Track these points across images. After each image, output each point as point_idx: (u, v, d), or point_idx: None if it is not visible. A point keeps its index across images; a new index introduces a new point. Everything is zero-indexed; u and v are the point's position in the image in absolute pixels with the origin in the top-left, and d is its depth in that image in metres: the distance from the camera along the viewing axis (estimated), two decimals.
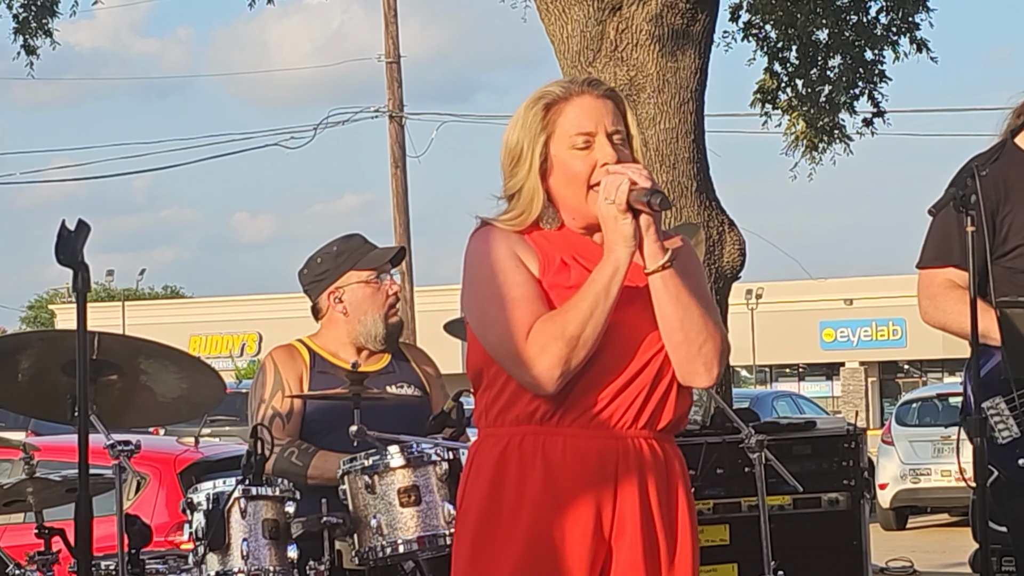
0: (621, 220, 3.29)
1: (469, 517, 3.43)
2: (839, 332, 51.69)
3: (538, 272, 3.38)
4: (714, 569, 5.98)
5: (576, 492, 3.33)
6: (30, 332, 10.94)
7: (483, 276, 3.40)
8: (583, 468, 3.34)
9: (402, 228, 27.74)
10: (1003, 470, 4.41)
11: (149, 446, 7.47)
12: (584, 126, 3.38)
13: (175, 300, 68.98)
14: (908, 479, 18.39)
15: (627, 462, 3.35)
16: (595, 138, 3.38)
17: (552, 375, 3.28)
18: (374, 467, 4.58)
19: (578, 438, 3.35)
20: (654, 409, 3.38)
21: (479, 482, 3.42)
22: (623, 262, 3.30)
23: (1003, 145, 4.52)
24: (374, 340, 5.29)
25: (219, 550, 4.64)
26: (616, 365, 3.35)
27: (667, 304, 3.33)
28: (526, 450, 3.36)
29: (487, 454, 3.42)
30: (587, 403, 3.35)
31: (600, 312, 3.28)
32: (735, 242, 9.16)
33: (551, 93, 3.41)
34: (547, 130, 3.39)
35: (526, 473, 3.35)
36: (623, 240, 3.29)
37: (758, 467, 5.43)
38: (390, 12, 28.02)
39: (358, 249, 5.35)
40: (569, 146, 3.38)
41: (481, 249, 3.42)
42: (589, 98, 3.41)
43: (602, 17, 9.07)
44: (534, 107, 3.40)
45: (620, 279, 3.29)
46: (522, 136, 3.40)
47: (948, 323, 4.50)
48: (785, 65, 12.80)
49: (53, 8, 13.01)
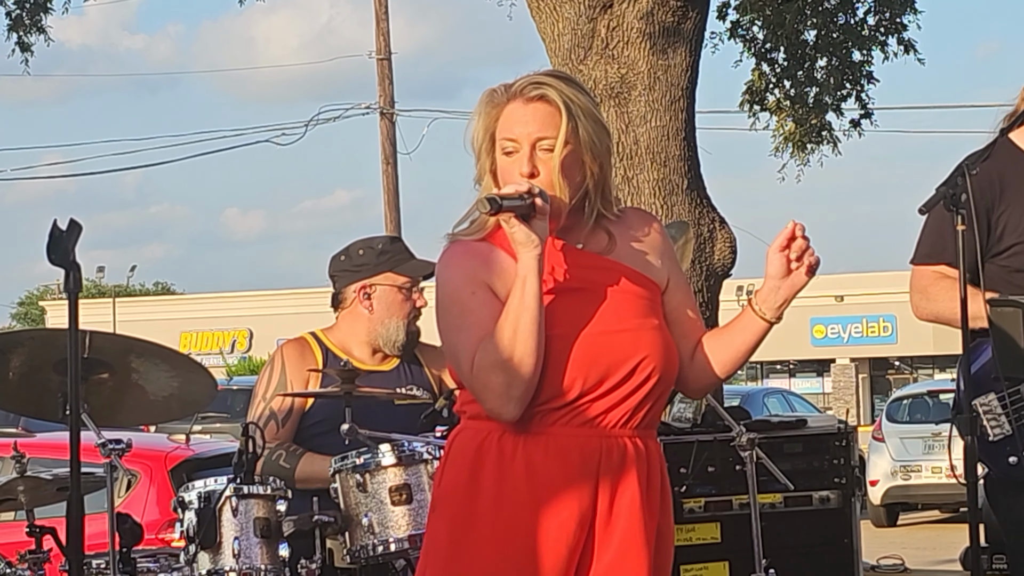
0: (508, 227, 3.28)
1: (445, 510, 3.41)
2: (830, 329, 51.71)
3: (512, 283, 3.34)
4: (705, 567, 5.99)
5: (558, 490, 3.32)
6: (21, 330, 10.93)
7: (442, 305, 3.40)
8: (565, 466, 3.33)
9: (393, 225, 27.73)
10: (994, 467, 4.41)
11: (140, 444, 7.46)
12: (511, 132, 3.37)
13: (166, 297, 68.91)
14: (899, 476, 18.41)
15: (610, 460, 3.35)
16: (520, 146, 3.37)
17: (504, 404, 3.28)
18: (365, 465, 4.58)
19: (560, 437, 3.34)
20: (637, 408, 3.37)
21: (456, 474, 3.40)
22: (529, 268, 3.28)
23: (995, 143, 4.51)
24: (392, 345, 5.26)
25: (210, 549, 4.64)
26: (600, 365, 3.34)
27: (750, 349, 3.48)
28: (505, 446, 3.34)
29: (465, 446, 3.41)
30: (571, 403, 3.33)
31: (524, 325, 3.26)
32: (726, 240, 9.17)
33: (495, 94, 3.41)
34: (491, 130, 3.40)
35: (505, 469, 3.34)
36: (519, 246, 3.28)
37: (749, 465, 5.44)
38: (381, 9, 28.01)
39: (400, 254, 5.32)
40: (500, 151, 3.39)
41: (442, 275, 3.43)
42: (518, 104, 3.38)
43: (593, 15, 9.07)
44: (486, 104, 3.41)
45: (533, 285, 3.27)
46: (476, 132, 3.41)
47: (940, 312, 4.49)
48: (773, 66, 12.82)
49: (46, 5, 13.01)
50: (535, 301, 3.28)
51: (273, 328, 44.58)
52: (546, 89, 3.37)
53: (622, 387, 3.35)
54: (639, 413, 3.38)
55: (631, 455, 3.37)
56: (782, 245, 3.35)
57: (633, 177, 9.00)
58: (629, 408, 3.36)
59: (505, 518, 3.32)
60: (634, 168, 9.02)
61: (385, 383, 5.07)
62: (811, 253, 3.35)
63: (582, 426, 3.34)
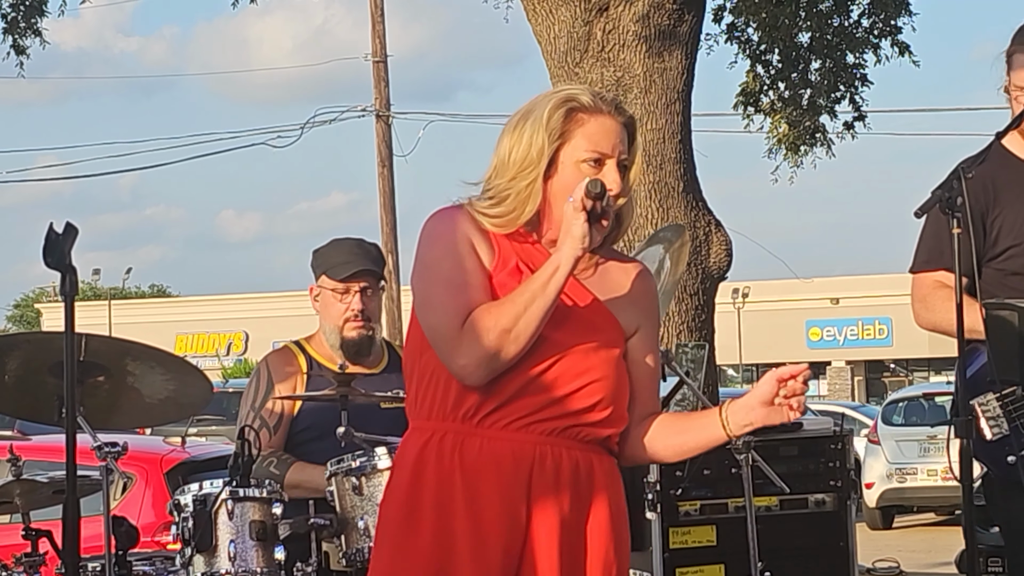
0: (574, 218, 3.26)
1: (388, 513, 3.41)
2: (825, 331, 51.75)
3: (491, 266, 3.35)
4: (701, 570, 5.98)
5: (489, 494, 3.30)
6: (17, 333, 10.96)
7: (434, 257, 3.36)
8: (497, 471, 3.30)
9: (389, 227, 27.73)
10: (993, 467, 4.42)
11: (135, 446, 7.45)
12: (602, 146, 3.35)
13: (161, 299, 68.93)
14: (894, 478, 18.43)
15: (543, 469, 3.32)
16: (607, 160, 3.35)
17: (480, 366, 3.26)
18: (361, 469, 4.58)
19: (496, 440, 3.32)
20: (580, 423, 3.34)
21: (400, 477, 3.41)
22: (566, 261, 3.26)
23: (989, 147, 4.52)
24: (335, 350, 5.27)
25: (206, 551, 4.64)
26: (548, 374, 3.32)
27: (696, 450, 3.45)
28: (445, 448, 3.33)
29: (410, 449, 3.40)
30: (513, 406, 3.31)
31: (536, 308, 3.25)
32: (722, 242, 9.17)
33: (578, 100, 3.36)
34: (564, 136, 3.35)
35: (444, 471, 3.32)
36: (571, 239, 3.26)
37: (745, 468, 5.43)
38: (377, 11, 28.00)
39: (335, 256, 5.29)
40: (580, 159, 3.33)
41: (437, 229, 3.39)
42: (612, 120, 3.37)
43: (589, 18, 9.07)
44: (560, 109, 3.34)
45: (561, 278, 3.27)
46: (544, 137, 3.33)
47: (938, 322, 4.51)
48: (767, 68, 12.83)
49: (42, 7, 12.99)
50: (556, 292, 3.27)
51: (269, 331, 44.61)
52: (629, 114, 3.42)
53: (568, 401, 3.32)
54: (582, 427, 3.35)
55: (565, 468, 3.33)
56: (783, 377, 3.31)
57: None
58: (571, 421, 3.33)
59: (441, 519, 3.31)
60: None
61: (371, 387, 5.06)
62: (800, 405, 3.30)
63: (519, 431, 3.32)
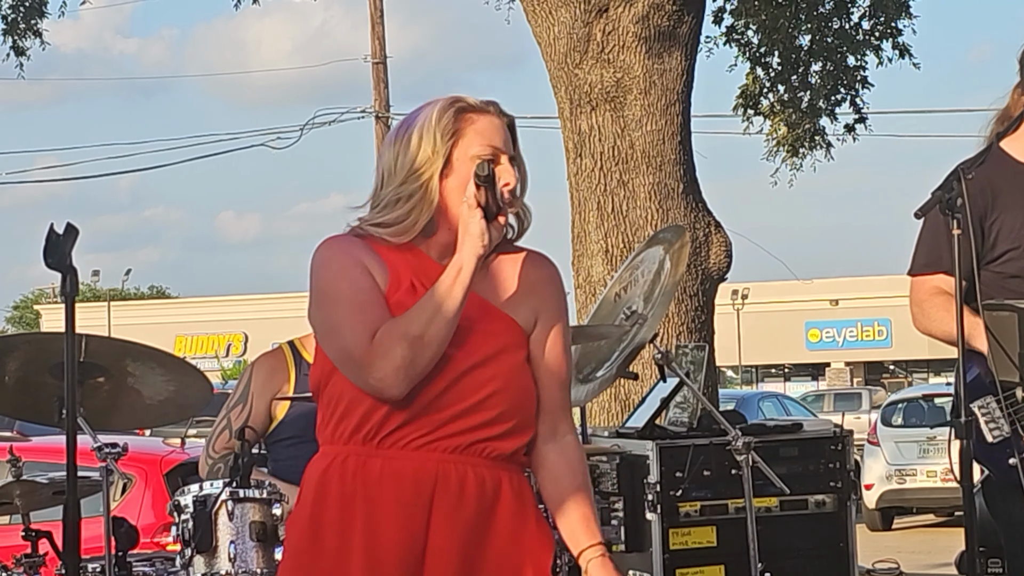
0: (471, 216, 3.26)
1: (293, 534, 3.40)
2: (825, 332, 51.81)
3: (386, 288, 3.33)
4: (701, 571, 5.99)
5: (388, 513, 3.28)
6: (17, 334, 10.97)
7: (328, 281, 3.34)
8: (397, 489, 3.28)
9: None
10: (994, 469, 4.41)
11: (135, 447, 7.47)
12: (495, 141, 3.37)
13: (161, 300, 68.99)
14: (894, 480, 18.43)
15: (446, 487, 3.29)
16: (500, 157, 3.36)
17: (396, 376, 3.22)
18: None
19: (397, 459, 3.29)
20: (483, 438, 3.32)
21: (304, 498, 3.39)
22: (468, 260, 3.25)
23: (988, 149, 4.52)
24: None
25: (206, 552, 4.63)
26: (447, 390, 3.29)
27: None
28: (348, 469, 3.31)
29: (313, 471, 3.39)
30: (413, 425, 3.28)
31: (445, 311, 3.23)
32: (721, 244, 9.17)
33: (465, 100, 3.40)
34: (456, 135, 3.36)
35: (346, 491, 3.30)
36: (470, 238, 3.26)
37: (745, 469, 5.43)
38: (376, 13, 28.02)
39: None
40: (474, 154, 3.35)
41: (327, 255, 3.37)
42: (499, 120, 3.40)
43: (588, 19, 9.07)
44: (449, 109, 3.37)
45: (466, 278, 3.25)
46: (437, 135, 3.34)
47: (933, 329, 4.52)
48: (767, 70, 12.84)
49: (42, 9, 13.00)
50: (463, 293, 3.25)
51: (268, 332, 44.61)
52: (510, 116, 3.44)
53: (468, 417, 3.29)
54: (486, 443, 3.32)
55: (471, 486, 3.31)
56: None
57: (629, 181, 9.01)
58: (474, 437, 3.31)
59: (343, 539, 3.29)
60: (629, 172, 9.02)
61: None
62: None
63: (420, 450, 3.29)
